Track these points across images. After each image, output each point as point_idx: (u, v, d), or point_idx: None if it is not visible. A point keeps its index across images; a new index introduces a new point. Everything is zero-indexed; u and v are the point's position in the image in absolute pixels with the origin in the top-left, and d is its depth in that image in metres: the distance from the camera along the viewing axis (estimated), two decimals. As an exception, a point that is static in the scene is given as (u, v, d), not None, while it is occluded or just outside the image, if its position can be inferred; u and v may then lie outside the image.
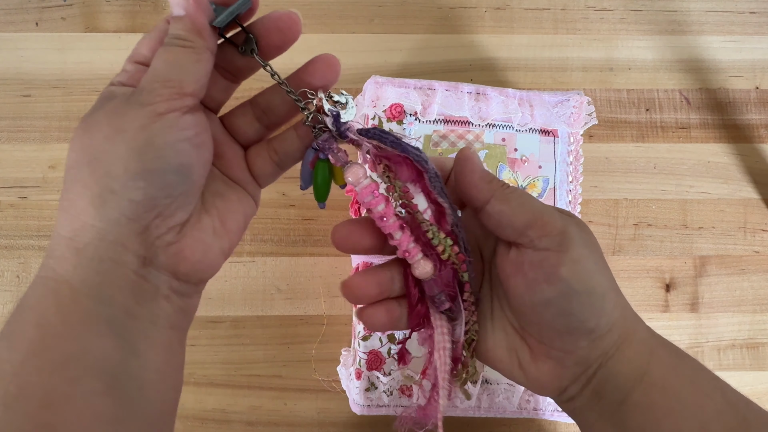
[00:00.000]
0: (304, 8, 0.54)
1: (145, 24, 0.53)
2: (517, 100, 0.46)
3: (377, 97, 0.45)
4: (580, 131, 0.47)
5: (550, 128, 0.46)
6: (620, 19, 0.54)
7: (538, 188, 0.45)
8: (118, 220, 0.22)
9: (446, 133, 0.45)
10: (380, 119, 0.45)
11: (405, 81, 0.45)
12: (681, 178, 0.52)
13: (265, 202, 0.50)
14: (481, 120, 0.45)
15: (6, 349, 0.21)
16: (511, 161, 0.45)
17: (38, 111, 0.51)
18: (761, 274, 0.51)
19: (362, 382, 0.43)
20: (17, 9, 0.53)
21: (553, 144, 0.46)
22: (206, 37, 0.24)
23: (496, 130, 0.45)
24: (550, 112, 0.46)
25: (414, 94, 0.45)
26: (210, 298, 0.49)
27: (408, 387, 0.42)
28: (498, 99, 0.45)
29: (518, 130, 0.46)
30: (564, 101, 0.46)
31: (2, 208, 0.50)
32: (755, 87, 0.53)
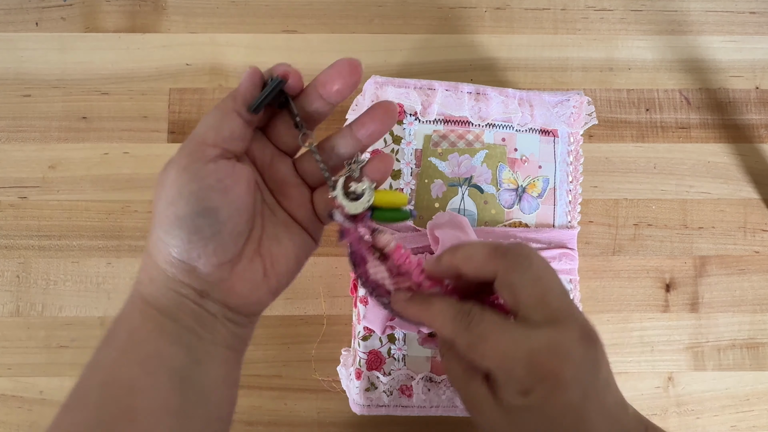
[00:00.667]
0: (304, 8, 0.54)
1: (145, 24, 0.53)
2: (517, 100, 0.46)
3: (377, 97, 0.45)
4: (580, 131, 0.47)
5: (550, 128, 0.46)
6: (620, 19, 0.54)
7: (538, 188, 0.45)
8: (171, 261, 0.26)
9: (446, 133, 0.45)
10: None
11: (405, 81, 0.45)
12: (681, 178, 0.52)
13: (265, 202, 0.50)
14: (480, 120, 0.45)
15: (105, 348, 0.27)
16: (511, 161, 0.45)
17: (38, 111, 0.51)
18: (761, 274, 0.51)
19: (362, 382, 0.43)
20: (17, 9, 0.53)
21: (553, 144, 0.46)
22: (238, 103, 0.27)
23: (496, 130, 0.45)
24: (550, 112, 0.46)
25: (414, 94, 0.45)
26: (210, 298, 0.49)
27: (408, 387, 0.42)
28: (498, 99, 0.45)
29: (518, 130, 0.45)
30: (564, 101, 0.46)
31: (2, 208, 0.50)
32: (755, 87, 0.53)
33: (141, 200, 0.50)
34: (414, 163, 0.44)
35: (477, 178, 0.44)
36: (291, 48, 0.53)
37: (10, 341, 0.48)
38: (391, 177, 0.44)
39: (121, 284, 0.49)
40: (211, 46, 0.53)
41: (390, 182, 0.44)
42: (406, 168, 0.44)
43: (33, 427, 0.47)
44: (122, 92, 0.52)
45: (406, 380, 0.43)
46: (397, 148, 0.45)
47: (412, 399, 0.43)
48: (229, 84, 0.52)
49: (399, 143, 0.45)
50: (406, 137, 0.45)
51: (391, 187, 0.44)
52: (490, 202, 0.44)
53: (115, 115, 0.51)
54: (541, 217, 0.45)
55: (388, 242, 0.30)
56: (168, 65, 0.52)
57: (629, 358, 0.49)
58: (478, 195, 0.44)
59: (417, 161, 0.45)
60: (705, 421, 0.48)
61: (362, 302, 0.43)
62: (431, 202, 0.44)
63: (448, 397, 0.43)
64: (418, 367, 0.43)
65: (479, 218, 0.44)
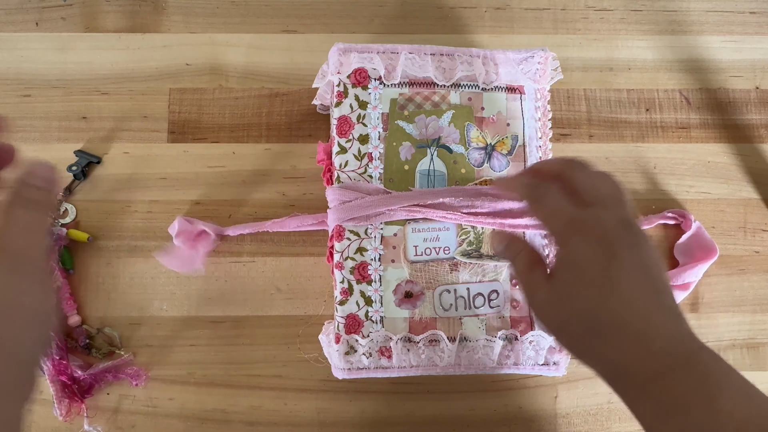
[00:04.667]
0: (304, 8, 0.54)
1: (145, 24, 0.53)
2: (481, 59, 0.46)
3: (341, 64, 0.45)
4: (547, 87, 0.47)
5: (516, 85, 0.47)
6: (620, 19, 0.54)
7: (507, 146, 0.46)
8: None
9: (412, 96, 0.46)
10: (345, 86, 0.45)
11: (368, 46, 0.45)
12: (681, 178, 0.52)
13: (266, 202, 0.50)
14: (446, 80, 0.45)
15: None
16: (479, 120, 0.46)
17: (38, 111, 0.51)
18: (761, 274, 0.51)
19: (341, 345, 0.43)
20: (17, 9, 0.53)
21: (520, 101, 0.47)
22: None
23: (462, 90, 0.46)
24: (515, 70, 0.46)
25: (377, 58, 0.45)
26: (210, 299, 0.49)
27: (387, 348, 0.43)
28: (462, 59, 0.46)
29: (484, 89, 0.46)
30: (528, 58, 0.46)
31: (2, 208, 0.50)
32: (755, 87, 0.53)
33: (141, 200, 0.50)
34: (381, 127, 0.45)
35: (445, 138, 0.45)
36: (291, 48, 0.53)
37: (10, 341, 0.48)
38: (359, 141, 0.45)
39: (120, 284, 0.49)
40: (211, 46, 0.53)
41: (358, 147, 0.45)
42: (374, 132, 0.45)
43: (33, 427, 0.47)
44: (122, 92, 0.52)
45: (384, 341, 0.43)
46: (363, 113, 0.45)
47: (392, 360, 0.43)
48: (229, 84, 0.52)
49: (365, 108, 0.45)
50: (371, 102, 0.45)
51: (360, 152, 0.45)
52: (460, 162, 0.45)
53: (115, 115, 0.51)
54: (512, 173, 0.46)
55: None
56: (168, 65, 0.52)
57: (629, 358, 0.49)
58: (447, 155, 0.45)
59: (384, 125, 0.45)
60: (705, 421, 0.48)
61: (338, 267, 0.44)
62: (401, 165, 0.45)
63: (427, 356, 0.43)
64: (395, 328, 0.43)
65: (449, 178, 0.45)
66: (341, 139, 0.45)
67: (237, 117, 0.52)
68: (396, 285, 0.44)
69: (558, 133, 0.52)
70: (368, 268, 0.44)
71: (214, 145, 0.51)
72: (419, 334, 0.43)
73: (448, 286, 0.44)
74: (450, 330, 0.44)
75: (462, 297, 0.44)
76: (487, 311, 0.44)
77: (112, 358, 0.48)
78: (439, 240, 0.44)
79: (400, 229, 0.44)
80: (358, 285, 0.44)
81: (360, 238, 0.44)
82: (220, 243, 0.49)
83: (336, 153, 0.45)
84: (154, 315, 0.49)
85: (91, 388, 0.47)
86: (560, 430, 0.48)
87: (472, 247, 0.45)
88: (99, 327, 0.48)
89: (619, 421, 0.48)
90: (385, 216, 0.44)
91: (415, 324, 0.44)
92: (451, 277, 0.44)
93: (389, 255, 0.44)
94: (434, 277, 0.44)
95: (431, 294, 0.44)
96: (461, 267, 0.44)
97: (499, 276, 0.45)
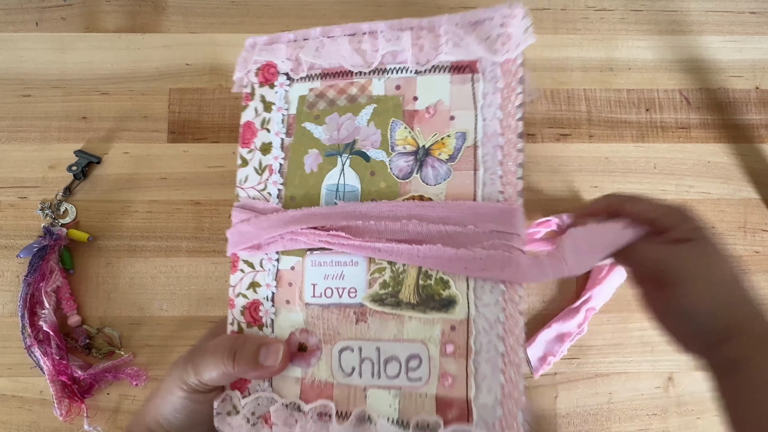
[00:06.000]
0: (304, 8, 0.54)
1: (145, 24, 0.53)
2: (414, 30, 0.34)
3: (245, 60, 0.38)
4: (515, 57, 0.33)
5: (466, 61, 0.33)
6: (620, 19, 0.54)
7: (448, 148, 0.33)
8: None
9: (324, 90, 0.35)
10: (253, 86, 0.37)
11: (277, 36, 0.37)
12: (681, 178, 0.52)
13: (265, 202, 0.50)
14: (366, 66, 0.35)
15: None
16: (409, 114, 0.34)
17: (38, 111, 0.51)
18: (761, 274, 0.51)
19: (224, 404, 0.34)
20: (17, 9, 0.53)
21: (471, 83, 0.33)
22: None
23: (388, 76, 0.35)
24: (466, 39, 0.33)
25: (282, 48, 0.36)
26: (210, 298, 0.49)
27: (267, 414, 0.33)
28: (388, 35, 0.34)
29: (418, 71, 0.34)
30: (485, 20, 0.33)
31: (2, 208, 0.50)
32: (755, 87, 0.53)
33: (141, 200, 0.50)
34: (284, 133, 0.36)
35: (362, 142, 0.34)
36: (291, 48, 0.53)
37: (10, 341, 0.48)
38: (261, 152, 0.36)
39: (120, 284, 0.49)
40: (211, 46, 0.53)
41: (260, 158, 0.36)
42: (276, 139, 0.36)
43: (33, 427, 0.47)
44: (122, 92, 0.52)
45: (269, 406, 0.33)
46: (267, 117, 0.36)
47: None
48: (229, 84, 0.52)
49: (269, 110, 0.36)
50: (277, 102, 0.36)
51: (261, 164, 0.36)
52: (379, 173, 0.34)
53: (115, 115, 0.51)
54: (455, 186, 0.32)
55: None
56: (168, 65, 0.52)
57: (629, 358, 0.49)
58: (362, 164, 0.34)
59: (288, 130, 0.36)
60: (705, 421, 0.48)
61: (229, 305, 0.35)
62: (305, 179, 0.35)
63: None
64: (285, 390, 0.33)
65: (363, 193, 0.34)
66: (243, 150, 0.36)
67: (237, 117, 0.52)
68: (290, 333, 0.33)
69: (558, 133, 0.52)
70: (260, 309, 0.34)
71: (214, 145, 0.51)
72: (310, 402, 0.32)
73: (351, 342, 0.32)
74: (349, 402, 0.31)
75: (369, 359, 0.31)
76: (403, 383, 0.31)
77: (112, 358, 0.48)
78: (343, 278, 0.33)
79: (298, 262, 0.34)
80: (249, 329, 0.34)
81: (254, 270, 0.35)
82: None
83: (238, 166, 0.36)
84: (154, 315, 0.49)
85: (91, 388, 0.47)
86: (560, 430, 0.48)
87: (387, 291, 0.32)
88: (99, 327, 0.48)
89: (619, 421, 0.48)
90: (280, 243, 0.34)
91: (307, 388, 0.32)
92: (355, 330, 0.32)
93: (284, 294, 0.34)
94: (334, 328, 0.32)
95: (329, 350, 0.32)
96: (370, 318, 0.32)
97: (427, 335, 0.31)
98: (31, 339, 0.46)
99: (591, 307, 0.48)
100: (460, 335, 0.30)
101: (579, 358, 0.49)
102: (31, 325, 0.47)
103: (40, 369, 0.46)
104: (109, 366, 0.47)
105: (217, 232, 0.50)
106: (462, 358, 0.30)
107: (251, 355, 0.31)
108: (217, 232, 0.50)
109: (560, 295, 0.49)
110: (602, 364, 0.49)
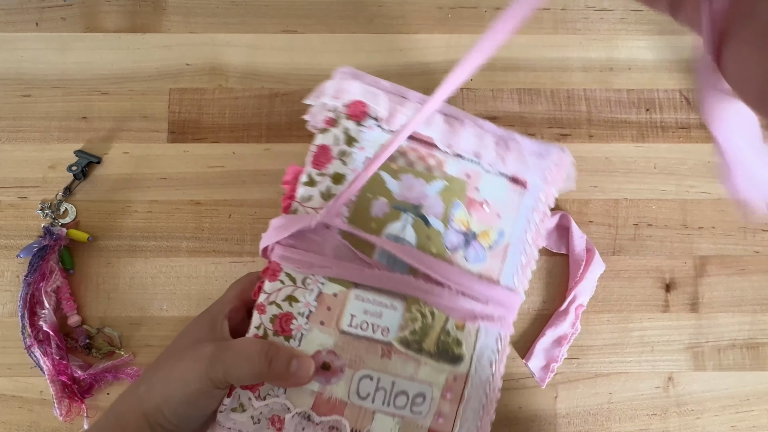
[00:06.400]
0: (304, 8, 0.54)
1: (145, 24, 0.53)
2: (493, 137, 0.41)
3: (342, 89, 0.39)
4: (555, 192, 0.42)
5: (522, 178, 0.41)
6: (620, 19, 0.54)
7: (490, 239, 0.40)
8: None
9: (406, 150, 0.39)
10: (338, 113, 0.39)
11: (377, 80, 0.40)
12: (681, 178, 0.52)
13: (265, 202, 0.50)
14: (448, 147, 0.39)
15: None
16: (470, 201, 0.40)
17: (38, 111, 0.51)
18: (761, 274, 0.51)
19: (232, 400, 0.35)
20: (17, 9, 0.53)
21: (520, 196, 0.41)
22: None
23: (462, 162, 0.40)
24: (526, 160, 0.40)
25: (383, 98, 0.39)
26: (210, 299, 0.49)
27: (280, 419, 0.35)
28: (473, 129, 0.40)
29: (487, 170, 0.40)
30: (544, 153, 0.41)
31: (2, 208, 0.50)
32: (755, 87, 0.53)
33: (141, 200, 0.50)
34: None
35: (427, 208, 0.39)
36: (291, 48, 0.53)
37: (10, 341, 0.48)
38: (332, 180, 0.38)
39: (120, 284, 0.49)
40: (211, 46, 0.53)
41: (329, 185, 0.38)
42: (351, 175, 0.38)
43: (33, 427, 0.47)
44: (122, 92, 0.52)
45: (280, 410, 0.35)
46: (347, 150, 0.39)
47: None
48: (229, 84, 0.52)
49: (351, 145, 0.39)
50: (360, 141, 0.39)
51: (329, 191, 0.38)
52: (434, 240, 0.38)
53: (115, 115, 0.51)
54: (486, 271, 0.39)
55: None
56: (168, 65, 0.52)
57: (629, 358, 0.49)
58: (422, 227, 0.38)
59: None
60: (705, 421, 0.48)
61: (258, 309, 0.37)
62: (368, 221, 0.38)
63: None
64: (298, 399, 0.36)
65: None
66: (313, 170, 0.38)
67: (237, 117, 0.52)
68: (316, 351, 0.36)
69: (558, 133, 0.52)
70: (292, 322, 0.36)
71: (214, 145, 0.51)
72: (322, 414, 0.36)
73: (372, 372, 0.36)
74: (358, 422, 0.36)
75: (383, 389, 0.36)
76: (406, 414, 0.36)
77: (112, 358, 0.48)
78: (381, 317, 0.37)
79: (343, 291, 0.37)
80: (274, 337, 0.36)
81: (295, 285, 0.37)
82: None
83: (303, 183, 0.38)
84: (154, 315, 0.49)
85: (91, 388, 0.47)
86: (560, 430, 0.48)
87: (415, 338, 0.37)
88: (99, 327, 0.48)
89: (619, 421, 0.48)
90: (331, 270, 0.37)
91: (322, 402, 0.36)
92: (379, 363, 0.37)
93: (320, 315, 0.37)
94: (361, 357, 0.37)
95: (351, 374, 0.36)
96: (395, 356, 0.37)
97: (435, 380, 0.37)
98: (31, 339, 0.46)
99: (579, 304, 0.48)
100: (459, 385, 0.37)
101: (579, 358, 0.49)
102: (31, 325, 0.47)
103: (40, 369, 0.46)
104: (109, 366, 0.47)
105: (217, 232, 0.50)
106: (455, 403, 0.37)
107: (285, 364, 0.34)
108: (217, 232, 0.50)
109: (550, 297, 0.50)
110: (602, 364, 0.49)
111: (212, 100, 0.52)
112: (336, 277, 0.37)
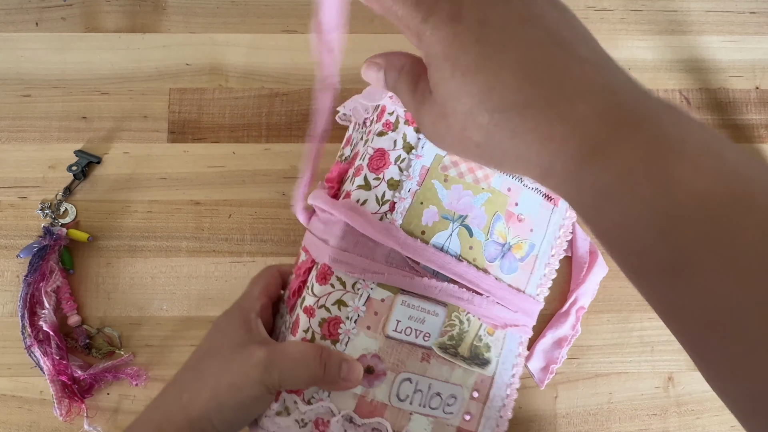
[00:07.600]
0: (304, 8, 0.54)
1: (145, 24, 0.53)
2: None
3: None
4: (575, 215, 0.44)
5: (554, 195, 0.43)
6: (620, 19, 0.54)
7: (522, 251, 0.42)
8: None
9: (458, 161, 0.40)
10: (399, 118, 0.39)
11: None
12: (681, 178, 0.52)
13: (265, 202, 0.50)
14: None
15: None
16: (509, 214, 0.42)
17: (38, 111, 0.51)
18: (761, 274, 0.50)
19: (278, 404, 0.36)
20: (17, 9, 0.53)
21: (550, 212, 0.43)
22: None
23: (506, 177, 0.41)
24: None
25: None
26: (211, 299, 0.49)
27: (324, 422, 0.37)
28: None
29: (526, 185, 0.42)
30: None
31: (2, 208, 0.50)
32: (755, 87, 0.53)
33: (141, 200, 0.50)
34: (417, 181, 0.39)
35: (471, 219, 0.40)
36: (291, 48, 0.53)
37: (10, 341, 0.48)
38: (387, 185, 0.38)
39: (120, 284, 0.49)
40: (211, 46, 0.53)
41: (384, 190, 0.38)
42: (408, 182, 0.39)
43: (33, 427, 0.47)
44: (122, 92, 0.52)
45: (325, 413, 0.37)
46: (405, 157, 0.39)
47: None
48: (229, 84, 0.52)
49: (409, 152, 0.39)
50: (418, 149, 0.39)
51: (383, 197, 0.38)
52: (475, 249, 0.40)
53: (115, 115, 0.51)
54: (516, 281, 0.42)
55: None
56: (168, 65, 0.52)
57: (629, 358, 0.49)
58: (466, 237, 0.40)
59: (420, 179, 0.39)
60: (705, 421, 0.48)
61: (307, 313, 0.38)
62: (418, 228, 0.39)
63: None
64: (342, 402, 0.37)
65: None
66: (370, 174, 0.38)
67: (237, 117, 0.52)
68: (361, 355, 0.37)
69: (558, 133, 0.52)
70: (340, 327, 0.37)
71: (214, 145, 0.51)
72: (364, 417, 0.37)
73: (411, 376, 0.39)
74: (396, 422, 0.38)
75: (420, 391, 0.39)
76: (439, 414, 0.39)
77: (112, 358, 0.48)
78: (424, 323, 0.39)
79: (390, 297, 0.38)
80: (321, 341, 0.37)
81: (344, 290, 0.37)
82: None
83: (357, 186, 0.38)
84: (154, 315, 0.49)
85: (91, 388, 0.47)
86: (560, 430, 0.48)
87: (452, 343, 0.40)
88: (99, 327, 0.48)
89: (619, 421, 0.48)
90: (382, 276, 0.37)
91: (364, 404, 0.37)
92: (419, 367, 0.39)
93: (368, 320, 0.38)
94: (403, 361, 0.39)
95: (393, 378, 0.38)
96: (433, 360, 0.39)
97: (465, 382, 0.40)
98: (31, 339, 0.46)
99: (580, 306, 0.48)
100: (485, 386, 0.41)
101: (579, 358, 0.49)
102: (31, 325, 0.47)
103: (40, 369, 0.46)
104: (109, 366, 0.47)
105: (217, 232, 0.50)
106: (481, 403, 0.41)
107: (337, 368, 0.34)
108: (217, 232, 0.50)
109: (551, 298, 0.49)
110: (602, 364, 0.49)
111: (212, 100, 0.52)
112: (386, 283, 0.38)
